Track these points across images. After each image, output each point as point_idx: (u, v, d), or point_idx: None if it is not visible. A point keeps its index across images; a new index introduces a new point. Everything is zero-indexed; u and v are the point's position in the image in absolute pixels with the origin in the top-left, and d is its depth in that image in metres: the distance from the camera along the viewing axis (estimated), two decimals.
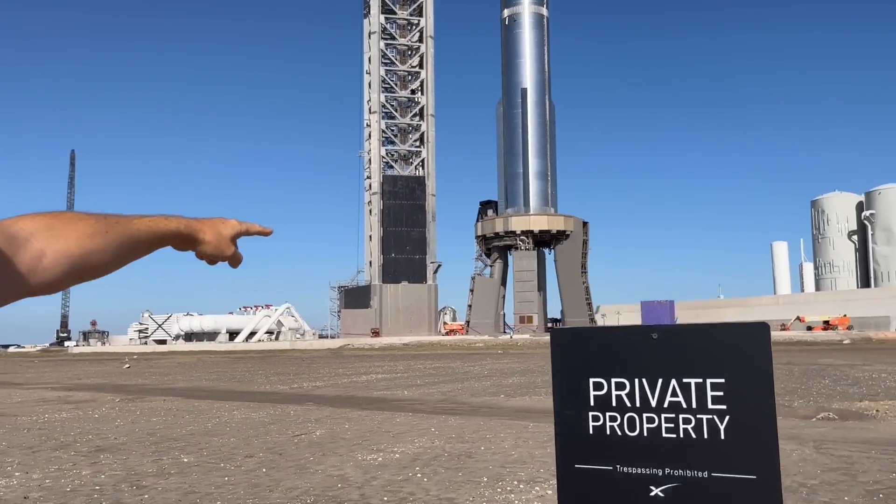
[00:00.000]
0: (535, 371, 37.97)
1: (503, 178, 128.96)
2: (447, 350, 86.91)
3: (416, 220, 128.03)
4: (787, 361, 43.62)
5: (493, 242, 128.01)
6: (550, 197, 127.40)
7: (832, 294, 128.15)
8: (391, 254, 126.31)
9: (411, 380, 32.27)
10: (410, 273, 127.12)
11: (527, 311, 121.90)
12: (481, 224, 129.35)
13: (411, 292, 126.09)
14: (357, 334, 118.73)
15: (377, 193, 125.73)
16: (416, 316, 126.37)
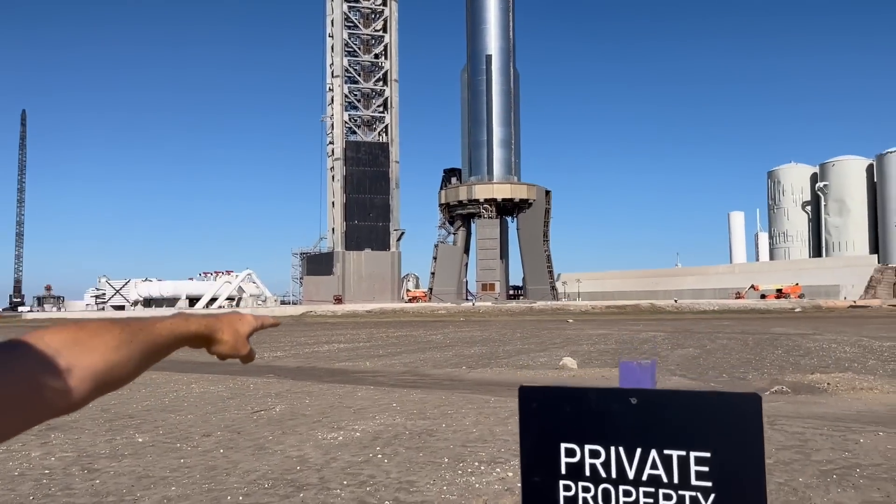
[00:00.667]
0: (496, 340, 38.30)
1: (467, 146, 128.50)
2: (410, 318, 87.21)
3: (380, 187, 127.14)
4: (742, 330, 44.75)
5: (457, 210, 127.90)
6: (514, 165, 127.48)
7: (786, 263, 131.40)
8: (354, 220, 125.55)
9: (374, 349, 32.18)
10: (374, 240, 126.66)
11: (489, 278, 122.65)
12: (445, 192, 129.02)
13: (374, 259, 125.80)
14: (320, 301, 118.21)
15: (340, 159, 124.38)
16: (379, 283, 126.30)
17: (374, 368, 23.23)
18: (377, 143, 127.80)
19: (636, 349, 30.11)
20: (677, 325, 56.33)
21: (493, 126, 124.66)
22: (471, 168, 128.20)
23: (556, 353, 28.33)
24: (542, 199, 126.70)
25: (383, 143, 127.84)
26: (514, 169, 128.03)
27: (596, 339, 37.52)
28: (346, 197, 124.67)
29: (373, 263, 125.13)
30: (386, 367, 23.49)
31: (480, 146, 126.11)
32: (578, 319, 73.05)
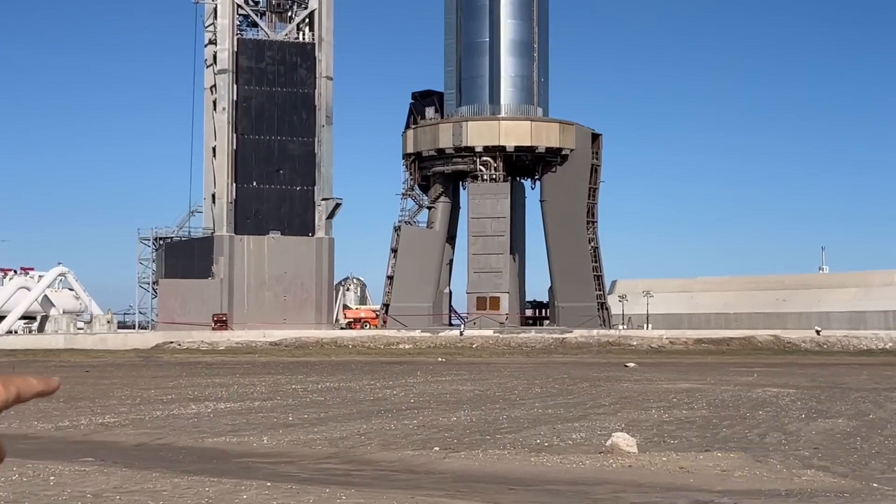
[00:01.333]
0: (499, 398, 38.24)
1: (455, 52, 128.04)
2: (349, 356, 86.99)
3: (298, 124, 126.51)
4: None
5: (435, 166, 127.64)
6: (537, 90, 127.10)
7: None
8: (252, 182, 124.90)
9: (279, 413, 32.30)
10: (286, 217, 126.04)
11: (490, 288, 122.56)
12: (414, 134, 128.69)
13: (288, 251, 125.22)
14: (187, 324, 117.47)
15: (228, 72, 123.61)
16: (295, 293, 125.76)
17: (278, 448, 23.30)
18: (294, 43, 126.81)
19: (744, 420, 30.07)
20: (820, 374, 56.51)
21: (502, 18, 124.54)
22: (461, 92, 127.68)
23: (603, 425, 28.24)
24: (585, 150, 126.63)
25: (304, 45, 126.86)
26: (537, 96, 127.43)
27: (673, 400, 37.49)
28: (238, 140, 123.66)
29: (285, 258, 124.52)
30: (298, 447, 23.59)
31: (478, 52, 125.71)
32: (645, 363, 73.15)
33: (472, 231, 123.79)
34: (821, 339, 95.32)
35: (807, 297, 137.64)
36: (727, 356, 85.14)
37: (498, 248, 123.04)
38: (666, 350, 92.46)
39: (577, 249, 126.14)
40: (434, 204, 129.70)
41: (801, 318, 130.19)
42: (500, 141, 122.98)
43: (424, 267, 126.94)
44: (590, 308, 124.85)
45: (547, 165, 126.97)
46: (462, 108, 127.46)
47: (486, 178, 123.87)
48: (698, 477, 18.50)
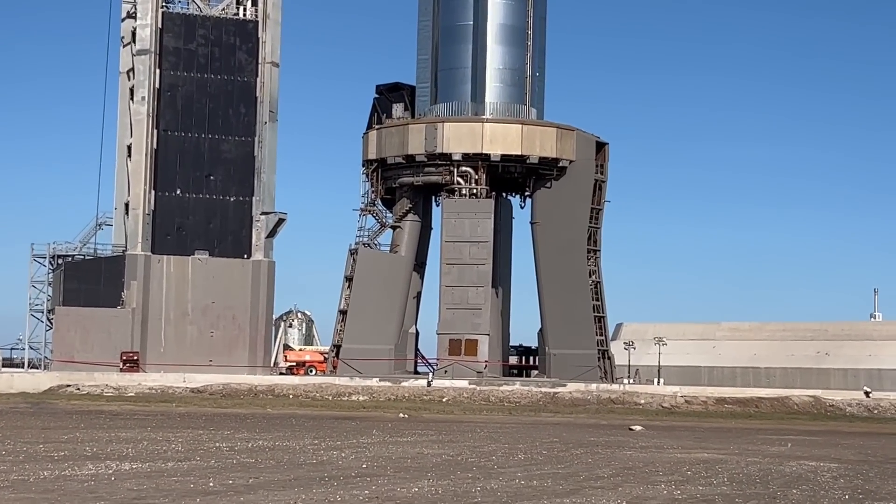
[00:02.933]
0: (474, 465, 38.06)
1: (431, 39, 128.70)
2: (289, 407, 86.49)
3: (235, 119, 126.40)
4: None
5: (402, 176, 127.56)
6: (530, 86, 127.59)
7: None
8: (175, 190, 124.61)
9: (197, 477, 32.08)
10: (216, 234, 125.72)
11: (467, 328, 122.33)
12: (378, 136, 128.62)
13: (217, 276, 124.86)
14: (89, 363, 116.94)
15: (149, 53, 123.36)
16: (224, 328, 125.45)
17: None
18: (233, 20, 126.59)
19: (774, 500, 30.00)
20: (869, 446, 56.58)
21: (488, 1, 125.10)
22: (436, 87, 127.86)
23: (600, 501, 28.18)
24: (587, 162, 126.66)
25: (246, 23, 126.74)
26: (530, 94, 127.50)
27: (688, 473, 37.42)
28: (160, 138, 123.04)
29: (213, 285, 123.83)
30: None
31: (459, 38, 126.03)
32: (654, 426, 73.09)
33: (447, 257, 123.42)
34: (871, 402, 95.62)
35: (855, 349, 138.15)
36: (755, 420, 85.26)
37: (477, 280, 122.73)
38: (680, 411, 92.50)
39: (574, 284, 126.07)
40: (400, 223, 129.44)
41: (848, 375, 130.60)
42: (483, 148, 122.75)
43: (386, 300, 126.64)
44: (588, 356, 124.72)
45: (540, 179, 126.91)
46: (438, 106, 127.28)
47: (465, 192, 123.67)
48: None
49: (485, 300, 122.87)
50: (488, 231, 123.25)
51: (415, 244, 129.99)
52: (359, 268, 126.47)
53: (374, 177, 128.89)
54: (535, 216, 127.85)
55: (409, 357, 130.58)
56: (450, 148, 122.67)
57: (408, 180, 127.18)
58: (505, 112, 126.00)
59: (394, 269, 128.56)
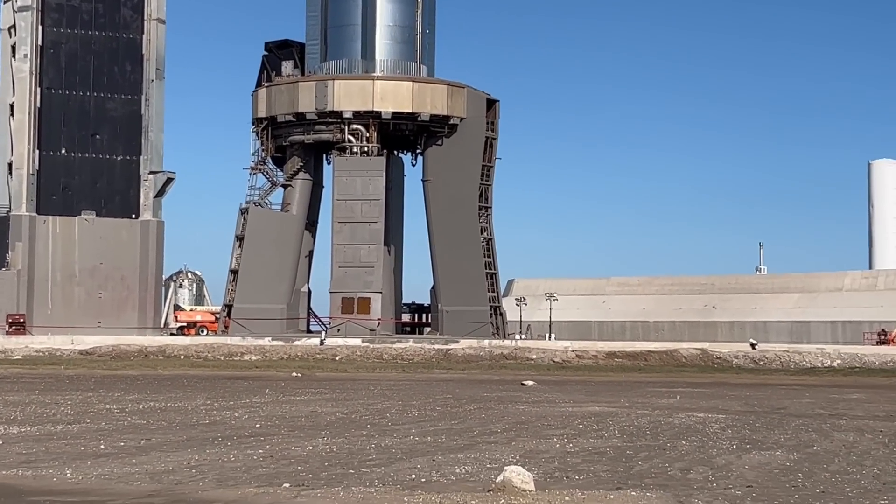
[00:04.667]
0: (367, 423, 38.15)
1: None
2: (180, 368, 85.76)
3: (121, 77, 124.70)
4: (889, 414, 46.04)
5: (293, 134, 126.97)
6: (421, 43, 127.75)
7: None
8: (60, 149, 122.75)
9: (88, 440, 31.78)
10: (103, 194, 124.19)
11: (359, 286, 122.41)
12: (267, 94, 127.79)
13: (104, 236, 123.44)
14: None
15: (30, 9, 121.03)
16: (113, 289, 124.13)
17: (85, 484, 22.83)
18: None
19: (663, 452, 30.36)
20: (755, 397, 57.50)
21: None
22: (326, 44, 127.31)
23: (493, 456, 28.26)
24: (478, 119, 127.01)
25: None
26: (420, 51, 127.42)
27: (579, 427, 37.75)
28: (44, 96, 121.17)
29: (101, 246, 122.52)
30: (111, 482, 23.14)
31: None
32: (546, 380, 73.60)
33: (338, 216, 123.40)
34: (756, 354, 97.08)
35: (741, 303, 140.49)
36: (645, 373, 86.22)
37: (369, 238, 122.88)
38: (572, 365, 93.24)
39: (466, 241, 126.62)
40: (291, 182, 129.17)
41: (734, 328, 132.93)
42: (374, 105, 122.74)
43: (277, 259, 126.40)
44: (480, 313, 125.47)
45: (431, 137, 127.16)
46: (328, 63, 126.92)
47: (357, 150, 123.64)
48: None
49: (377, 258, 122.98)
50: (380, 189, 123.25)
51: (306, 203, 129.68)
52: (249, 227, 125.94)
53: (263, 135, 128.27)
54: (427, 174, 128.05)
55: (301, 316, 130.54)
56: (340, 106, 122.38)
57: (298, 138, 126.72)
58: (395, 69, 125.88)
59: (285, 228, 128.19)
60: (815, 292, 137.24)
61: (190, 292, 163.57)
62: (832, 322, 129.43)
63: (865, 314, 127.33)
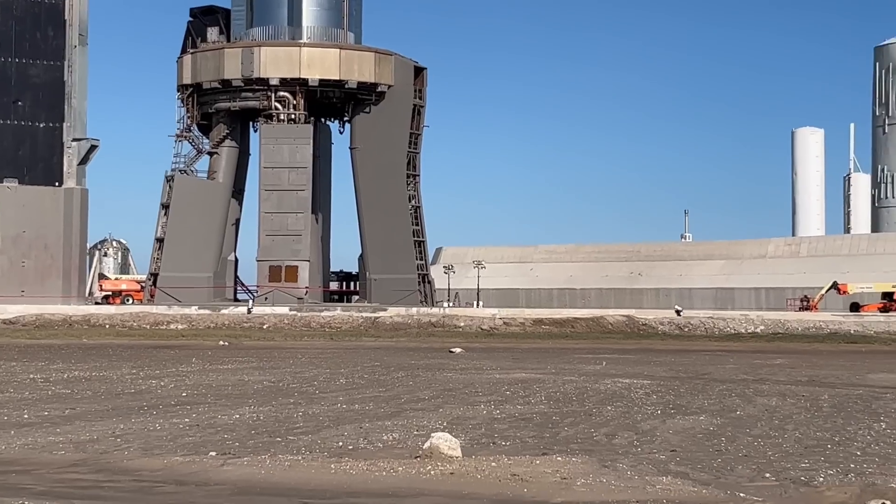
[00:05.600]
0: (296, 390, 38.15)
1: None
2: (105, 337, 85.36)
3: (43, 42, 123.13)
4: (810, 378, 46.70)
5: (219, 101, 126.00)
6: (347, 10, 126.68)
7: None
8: None
9: (11, 409, 31.63)
10: (26, 161, 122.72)
11: (286, 254, 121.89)
12: (192, 60, 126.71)
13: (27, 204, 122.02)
14: None
15: None
16: (36, 257, 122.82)
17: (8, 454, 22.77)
18: None
19: (589, 417, 30.59)
20: (680, 362, 58.05)
21: None
22: (252, 10, 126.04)
23: (421, 423, 28.36)
24: (406, 87, 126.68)
25: None
26: (347, 18, 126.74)
27: (506, 393, 37.93)
28: None
29: (23, 214, 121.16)
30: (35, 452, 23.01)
31: None
32: (474, 348, 73.90)
33: (265, 184, 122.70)
34: (681, 320, 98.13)
35: (666, 270, 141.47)
36: (571, 340, 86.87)
37: (297, 206, 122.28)
38: (499, 333, 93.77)
39: (394, 209, 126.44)
40: (217, 149, 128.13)
41: (660, 295, 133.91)
42: (300, 72, 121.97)
43: (204, 228, 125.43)
44: (409, 281, 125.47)
45: (359, 104, 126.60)
46: (254, 29, 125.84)
47: (284, 118, 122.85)
48: (534, 486, 18.73)
49: (304, 226, 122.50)
50: (307, 157, 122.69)
51: (232, 170, 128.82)
52: (175, 195, 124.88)
53: (189, 102, 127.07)
54: (354, 141, 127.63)
55: (228, 285, 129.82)
56: (267, 73, 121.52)
57: (224, 106, 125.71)
58: (322, 36, 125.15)
59: (211, 196, 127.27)
60: (739, 259, 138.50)
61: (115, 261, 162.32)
62: (756, 289, 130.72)
63: (788, 281, 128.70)
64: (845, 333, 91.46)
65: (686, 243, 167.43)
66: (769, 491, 18.74)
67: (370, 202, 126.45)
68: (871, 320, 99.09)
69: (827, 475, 20.41)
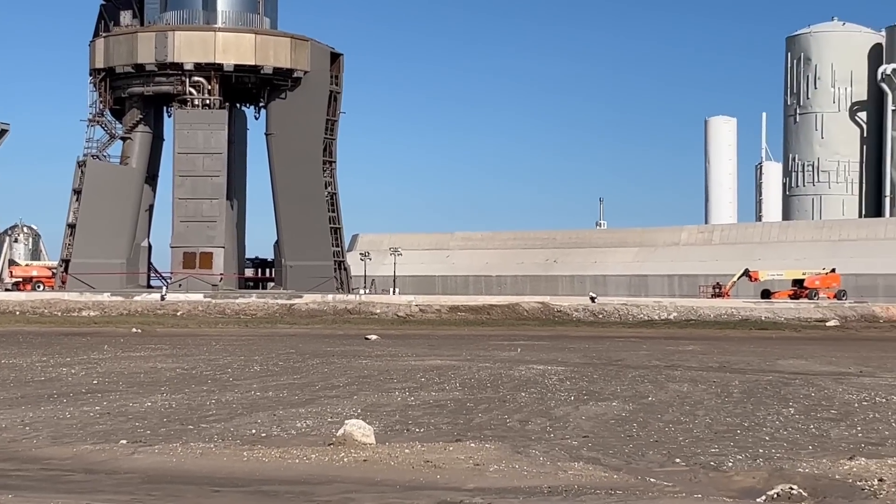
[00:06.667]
0: (209, 378, 37.99)
1: None
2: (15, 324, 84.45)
3: None
4: (721, 364, 47.24)
5: (132, 86, 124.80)
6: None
7: (813, 227, 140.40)
8: None
9: None
10: None
11: (201, 241, 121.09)
12: (105, 44, 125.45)
13: None
14: None
15: None
16: None
17: None
18: None
19: (503, 404, 30.76)
20: (594, 349, 58.48)
21: None
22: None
23: (335, 410, 28.41)
24: (322, 72, 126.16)
25: None
26: (262, 3, 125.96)
27: (421, 380, 38.04)
28: None
29: None
30: None
31: None
32: (390, 334, 73.97)
33: (179, 169, 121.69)
34: (595, 307, 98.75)
35: (581, 257, 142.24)
36: (487, 327, 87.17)
37: (211, 192, 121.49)
38: (415, 319, 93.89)
39: (310, 195, 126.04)
40: (130, 134, 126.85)
41: (575, 282, 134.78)
42: (215, 57, 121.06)
43: (117, 214, 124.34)
44: (325, 268, 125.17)
45: (275, 90, 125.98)
46: (168, 13, 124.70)
47: (198, 103, 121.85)
48: (447, 472, 18.81)
49: (219, 212, 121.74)
50: (222, 142, 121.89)
51: (146, 156, 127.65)
52: (87, 180, 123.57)
53: (101, 87, 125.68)
54: (270, 127, 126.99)
55: (141, 271, 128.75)
56: (181, 57, 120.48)
57: (138, 90, 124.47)
58: (237, 21, 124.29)
59: (124, 182, 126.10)
60: (652, 246, 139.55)
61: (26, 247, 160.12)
62: (669, 276, 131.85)
63: (701, 268, 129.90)
64: (756, 320, 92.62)
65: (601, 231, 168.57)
66: (679, 476, 18.99)
67: (286, 188, 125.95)
68: (781, 307, 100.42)
69: (736, 460, 20.74)
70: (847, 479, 18.26)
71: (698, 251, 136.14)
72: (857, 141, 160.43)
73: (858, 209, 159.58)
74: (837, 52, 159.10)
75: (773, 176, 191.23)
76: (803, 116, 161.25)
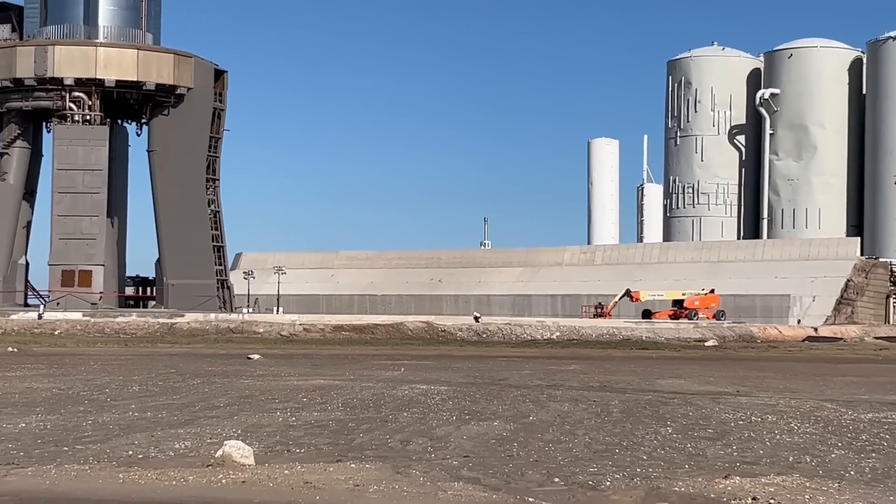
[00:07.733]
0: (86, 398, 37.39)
1: None
2: None
3: None
4: (602, 384, 47.68)
5: (10, 101, 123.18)
6: (146, 10, 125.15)
7: (693, 248, 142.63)
8: None
9: None
10: None
11: (80, 258, 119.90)
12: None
13: None
14: None
15: None
16: None
17: None
18: None
19: (385, 424, 30.73)
20: (477, 368, 58.61)
21: None
22: (46, 8, 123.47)
23: (215, 431, 28.16)
24: (206, 89, 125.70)
25: None
26: (145, 19, 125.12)
27: (303, 400, 37.87)
28: None
29: None
30: None
31: None
32: (273, 354, 73.57)
33: (59, 186, 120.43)
34: (479, 326, 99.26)
35: (466, 276, 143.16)
36: (371, 346, 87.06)
37: (91, 209, 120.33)
38: (299, 339, 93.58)
39: (193, 214, 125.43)
40: (8, 150, 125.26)
41: (459, 301, 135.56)
42: (96, 73, 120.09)
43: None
44: (207, 286, 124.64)
45: (157, 107, 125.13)
46: (48, 28, 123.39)
47: (79, 118, 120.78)
48: (326, 493, 18.77)
49: (99, 230, 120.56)
50: (103, 159, 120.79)
51: (24, 172, 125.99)
52: None
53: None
54: (153, 144, 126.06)
55: (18, 289, 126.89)
56: (61, 72, 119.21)
57: (16, 105, 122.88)
58: (120, 36, 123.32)
59: (1, 198, 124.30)
60: (536, 266, 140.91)
61: None
62: (552, 295, 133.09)
63: (583, 288, 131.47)
64: (637, 340, 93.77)
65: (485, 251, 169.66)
66: (557, 495, 19.11)
67: (168, 206, 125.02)
68: (661, 327, 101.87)
69: (614, 479, 20.91)
70: (722, 498, 18.53)
71: (581, 271, 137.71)
72: (736, 164, 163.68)
73: (737, 231, 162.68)
74: (717, 76, 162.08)
75: (655, 197, 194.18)
76: (683, 139, 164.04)
